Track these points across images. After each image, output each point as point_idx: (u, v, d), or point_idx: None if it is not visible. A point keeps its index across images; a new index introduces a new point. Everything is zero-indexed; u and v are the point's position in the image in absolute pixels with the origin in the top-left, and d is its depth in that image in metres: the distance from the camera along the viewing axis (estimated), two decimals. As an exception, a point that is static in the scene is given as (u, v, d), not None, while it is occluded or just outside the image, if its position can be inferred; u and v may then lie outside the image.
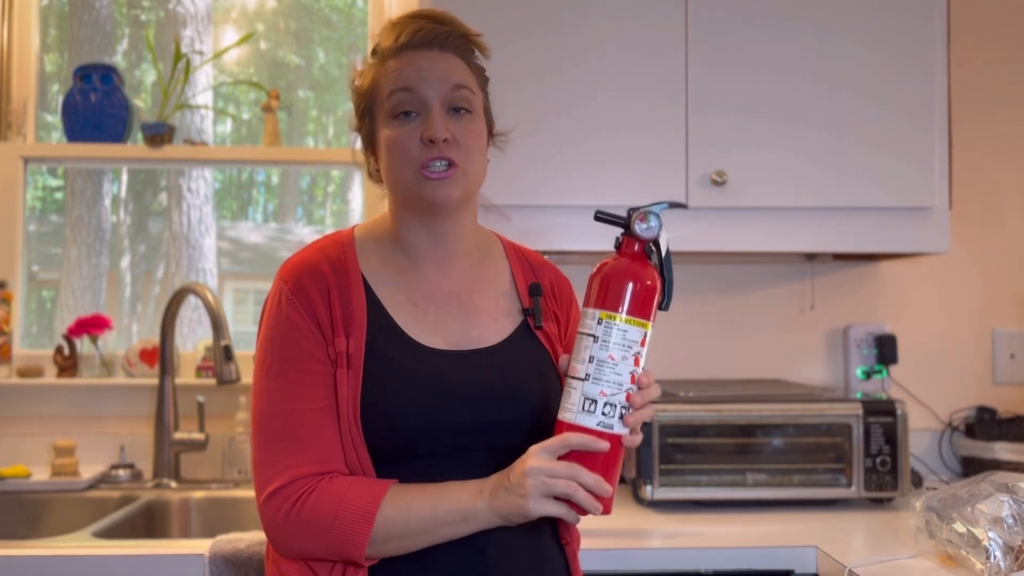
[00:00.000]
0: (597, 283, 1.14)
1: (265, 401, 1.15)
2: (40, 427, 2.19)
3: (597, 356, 1.11)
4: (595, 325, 1.12)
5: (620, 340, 1.11)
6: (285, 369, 1.15)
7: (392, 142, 1.19)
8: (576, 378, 1.11)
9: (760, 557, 1.51)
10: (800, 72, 1.88)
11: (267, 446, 1.14)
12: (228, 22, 2.53)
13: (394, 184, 1.21)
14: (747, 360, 2.24)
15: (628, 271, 1.14)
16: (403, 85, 1.19)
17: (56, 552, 1.47)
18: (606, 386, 1.10)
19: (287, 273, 1.20)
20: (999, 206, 2.29)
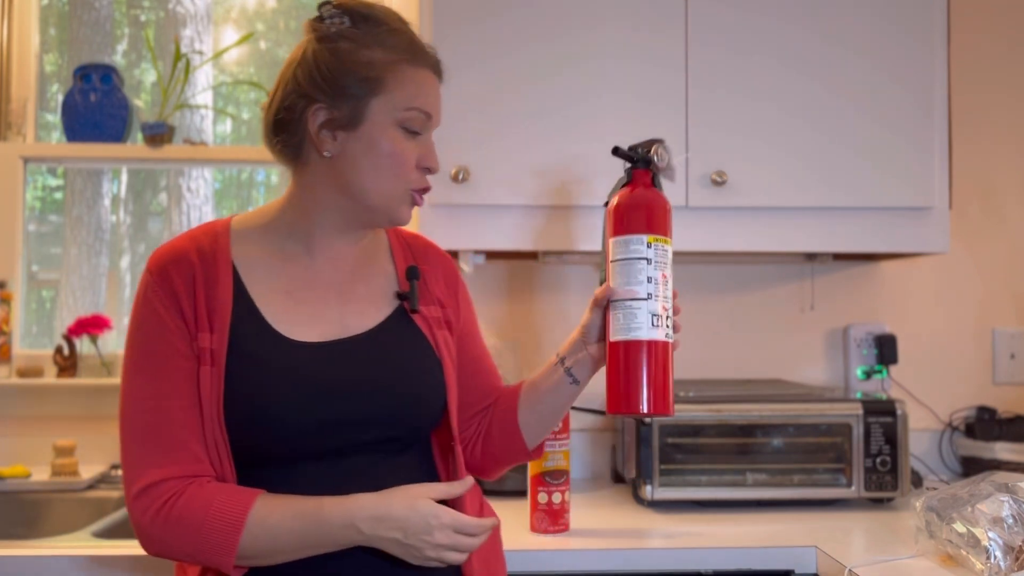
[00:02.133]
0: (639, 213, 1.24)
1: (131, 396, 1.13)
2: (40, 427, 2.19)
3: (653, 276, 1.22)
4: (645, 249, 1.22)
5: (666, 259, 1.24)
6: (150, 364, 1.12)
7: (396, 153, 1.17)
8: (638, 299, 1.21)
9: (760, 557, 1.51)
10: (800, 72, 1.88)
11: (134, 443, 1.11)
12: (228, 22, 2.53)
13: (365, 187, 1.17)
14: (747, 360, 2.24)
15: (658, 199, 1.25)
16: (425, 108, 1.19)
17: (56, 552, 1.47)
18: (665, 301, 1.22)
19: (153, 263, 1.16)
20: (999, 206, 2.29)
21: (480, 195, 1.84)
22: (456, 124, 1.84)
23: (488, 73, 1.86)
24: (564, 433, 1.64)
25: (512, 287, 2.23)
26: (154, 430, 1.11)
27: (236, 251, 1.19)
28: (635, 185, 1.27)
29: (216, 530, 1.07)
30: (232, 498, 1.09)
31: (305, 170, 1.21)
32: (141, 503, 1.09)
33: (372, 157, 1.16)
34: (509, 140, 1.84)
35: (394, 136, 1.17)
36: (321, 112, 1.16)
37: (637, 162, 1.28)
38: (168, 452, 1.10)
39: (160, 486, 1.09)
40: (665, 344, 1.21)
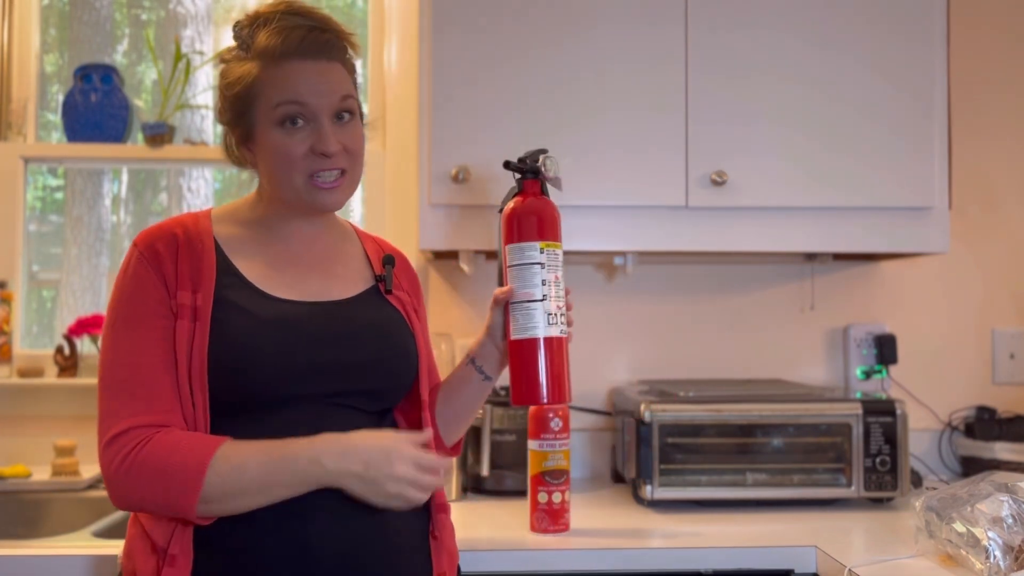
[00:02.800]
0: (531, 220, 1.35)
1: (110, 353, 1.17)
2: (40, 427, 2.19)
3: (547, 278, 1.34)
4: (538, 255, 1.34)
5: (557, 262, 1.35)
6: (130, 323, 1.17)
7: (280, 151, 1.21)
8: (534, 300, 1.33)
9: (760, 557, 1.51)
10: (800, 72, 1.88)
11: (109, 396, 1.15)
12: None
13: (279, 186, 1.24)
14: (747, 360, 2.24)
15: (547, 207, 1.37)
16: (292, 98, 1.20)
17: (56, 552, 1.47)
18: (558, 300, 1.34)
19: (140, 238, 1.22)
20: (999, 206, 2.29)
21: (480, 195, 1.84)
22: (456, 124, 1.84)
23: (488, 73, 1.86)
24: (564, 433, 1.64)
25: (512, 287, 2.22)
26: (127, 382, 1.15)
27: (218, 230, 1.26)
28: (526, 195, 1.38)
29: (181, 470, 1.09)
30: (199, 441, 1.13)
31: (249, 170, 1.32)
32: (110, 451, 1.12)
33: (267, 161, 1.24)
34: (509, 140, 1.84)
35: (276, 137, 1.22)
36: (232, 133, 1.28)
37: (526, 173, 1.38)
38: (139, 402, 1.14)
39: (128, 433, 1.12)
40: (560, 339, 1.34)
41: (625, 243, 1.89)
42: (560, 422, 1.63)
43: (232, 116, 1.26)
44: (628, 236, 1.88)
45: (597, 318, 2.23)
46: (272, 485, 1.11)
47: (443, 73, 1.85)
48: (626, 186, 1.86)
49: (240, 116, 1.24)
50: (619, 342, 2.23)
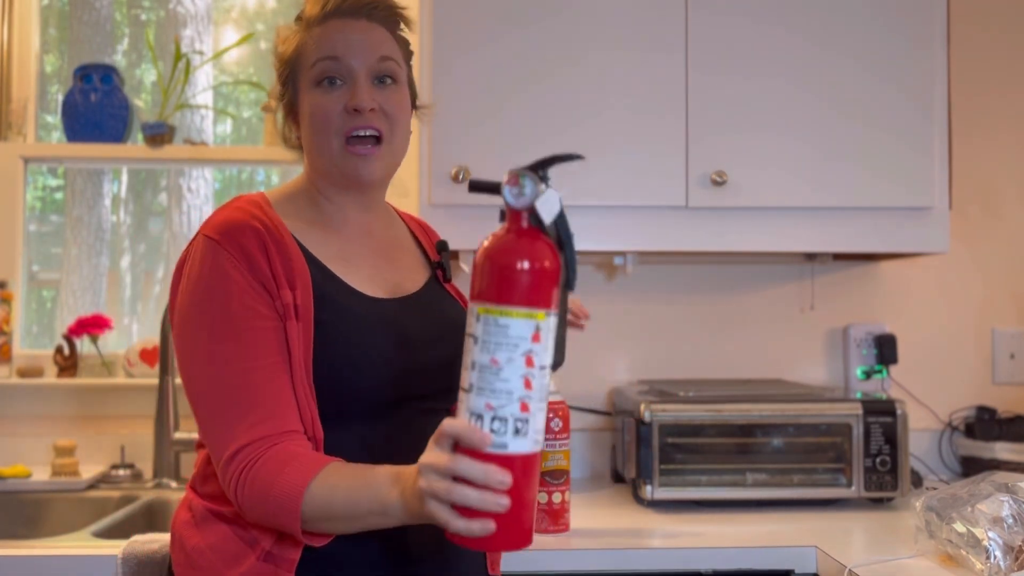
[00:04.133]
0: (475, 268, 0.93)
1: (213, 365, 1.09)
2: (40, 427, 2.19)
3: (479, 361, 0.90)
4: (474, 323, 0.91)
5: (502, 339, 0.90)
6: (231, 329, 1.09)
7: (316, 109, 1.18)
8: (462, 388, 0.92)
9: (760, 557, 1.51)
10: (801, 73, 1.88)
11: (219, 411, 1.08)
12: (228, 22, 2.53)
13: (317, 155, 1.20)
14: (747, 360, 2.24)
15: (504, 251, 0.91)
16: (329, 54, 1.18)
17: (56, 552, 1.47)
18: (491, 396, 0.90)
19: (217, 231, 1.13)
20: (999, 206, 2.29)
21: (480, 195, 1.83)
22: (456, 124, 1.84)
23: (488, 73, 1.86)
24: (564, 433, 1.64)
25: (512, 287, 2.22)
26: (240, 394, 1.08)
27: (286, 221, 1.19)
28: (506, 228, 0.94)
29: (282, 493, 1.03)
30: (305, 461, 1.05)
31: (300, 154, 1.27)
32: (229, 471, 1.06)
33: (306, 128, 1.21)
34: (509, 140, 1.84)
35: (312, 96, 1.19)
36: (281, 107, 1.25)
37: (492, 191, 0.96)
38: (257, 411, 1.07)
39: (244, 451, 1.06)
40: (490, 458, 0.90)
41: (625, 243, 1.89)
42: (560, 422, 1.63)
43: (282, 88, 1.24)
44: (628, 236, 1.88)
45: (597, 318, 2.22)
46: (357, 512, 1.02)
47: (443, 73, 1.85)
48: (626, 186, 1.86)
49: (286, 87, 1.23)
50: (619, 342, 2.23)
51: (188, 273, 1.14)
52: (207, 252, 1.12)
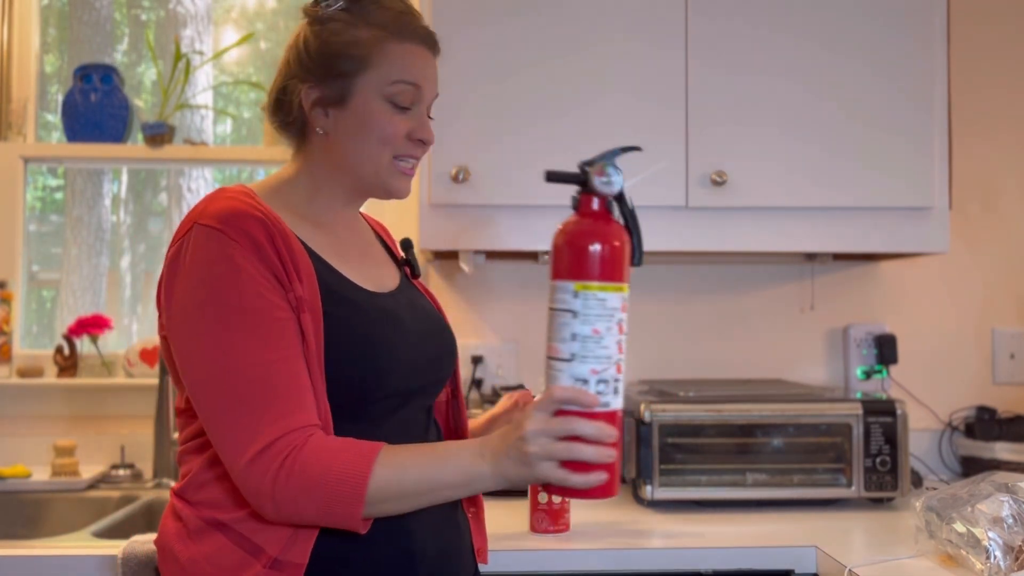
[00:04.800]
0: (565, 251, 1.04)
1: (229, 358, 1.06)
2: (40, 427, 2.19)
3: (580, 332, 1.03)
4: (571, 299, 1.03)
5: (601, 310, 1.03)
6: (246, 321, 1.06)
7: (383, 125, 1.19)
8: (560, 359, 1.03)
9: (760, 557, 1.51)
10: (800, 72, 1.88)
11: (240, 407, 1.05)
12: (228, 22, 2.53)
13: (360, 161, 1.20)
14: (747, 360, 2.24)
15: (595, 233, 1.04)
16: (413, 80, 1.21)
17: (56, 552, 1.47)
18: (595, 363, 1.03)
19: (219, 221, 1.09)
20: (999, 206, 2.29)
21: (480, 195, 1.84)
22: (456, 124, 1.84)
23: (487, 72, 1.86)
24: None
25: (512, 287, 2.23)
26: (263, 389, 1.05)
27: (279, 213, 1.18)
28: (581, 214, 1.08)
29: (343, 478, 1.03)
30: (355, 446, 1.06)
31: (308, 147, 1.24)
32: (259, 467, 1.03)
33: (362, 132, 1.19)
34: (509, 140, 1.84)
35: (380, 109, 1.19)
36: (312, 91, 1.20)
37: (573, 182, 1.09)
38: (282, 404, 1.05)
39: (276, 444, 1.04)
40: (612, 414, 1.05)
41: (625, 243, 1.89)
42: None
43: (324, 74, 1.19)
44: (628, 236, 1.88)
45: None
46: (433, 483, 1.06)
47: (442, 72, 1.85)
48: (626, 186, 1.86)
49: (336, 77, 1.18)
50: (619, 342, 2.22)
51: (188, 265, 1.09)
52: (210, 242, 1.08)
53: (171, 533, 1.16)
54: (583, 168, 1.08)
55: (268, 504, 1.05)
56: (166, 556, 1.16)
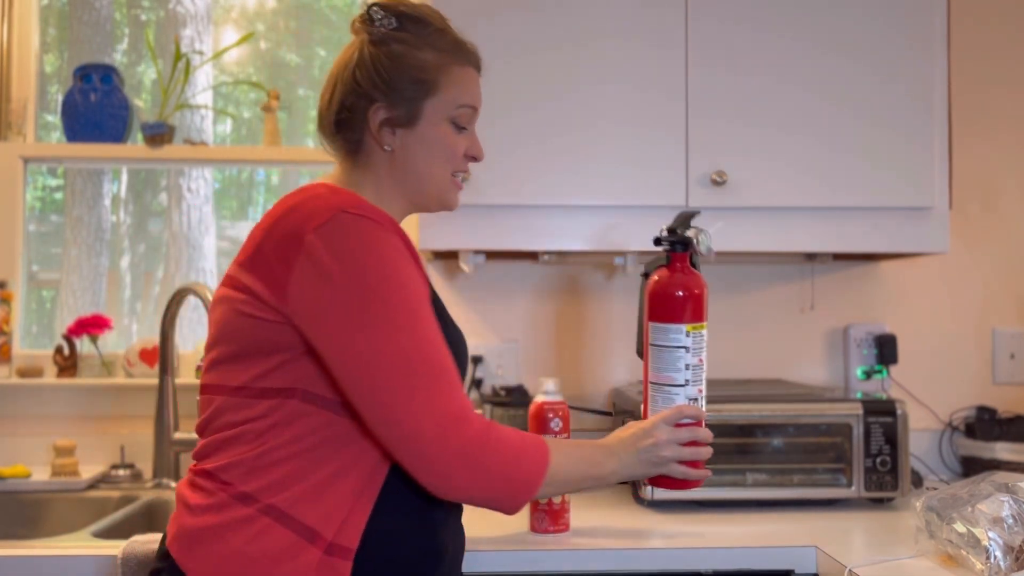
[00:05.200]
0: (677, 300, 1.30)
1: (416, 336, 1.12)
2: (40, 427, 2.19)
3: (691, 363, 1.31)
4: (683, 338, 1.30)
5: (702, 343, 1.32)
6: (424, 309, 1.15)
7: (447, 145, 1.29)
8: (675, 385, 1.31)
9: (760, 557, 1.51)
10: (800, 72, 1.88)
11: (433, 376, 1.11)
12: (228, 22, 2.53)
13: (425, 179, 1.29)
14: (747, 360, 2.24)
15: (696, 286, 1.31)
16: (473, 104, 1.32)
17: (56, 552, 1.47)
18: (701, 384, 1.33)
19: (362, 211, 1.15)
20: (999, 206, 2.29)
21: (480, 195, 1.84)
22: (456, 124, 1.84)
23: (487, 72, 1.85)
24: (564, 433, 1.64)
25: (512, 287, 2.23)
26: (448, 369, 1.14)
27: None
28: (674, 269, 1.32)
29: (531, 456, 1.16)
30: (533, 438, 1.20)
31: (367, 162, 1.29)
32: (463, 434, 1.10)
33: (428, 152, 1.28)
34: (508, 139, 1.84)
35: (446, 131, 1.29)
36: (381, 111, 1.25)
37: (676, 245, 1.31)
38: (460, 388, 1.15)
39: (473, 417, 1.13)
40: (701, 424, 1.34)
41: (625, 243, 1.89)
42: (560, 422, 1.62)
43: (395, 96, 1.24)
44: (628, 236, 1.88)
45: (597, 318, 2.23)
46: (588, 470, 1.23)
47: (443, 73, 1.85)
48: (626, 186, 1.86)
49: (406, 100, 1.25)
50: (619, 342, 2.23)
51: (350, 249, 1.12)
52: (369, 228, 1.14)
53: (206, 525, 1.14)
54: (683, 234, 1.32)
55: (462, 470, 1.10)
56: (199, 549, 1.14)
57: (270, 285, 1.14)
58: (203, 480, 1.18)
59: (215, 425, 1.19)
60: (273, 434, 1.14)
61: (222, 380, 1.19)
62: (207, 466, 1.18)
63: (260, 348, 1.15)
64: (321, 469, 1.13)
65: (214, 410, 1.20)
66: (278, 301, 1.13)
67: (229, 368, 1.18)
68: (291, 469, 1.13)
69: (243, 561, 1.10)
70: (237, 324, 1.17)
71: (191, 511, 1.16)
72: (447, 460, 1.09)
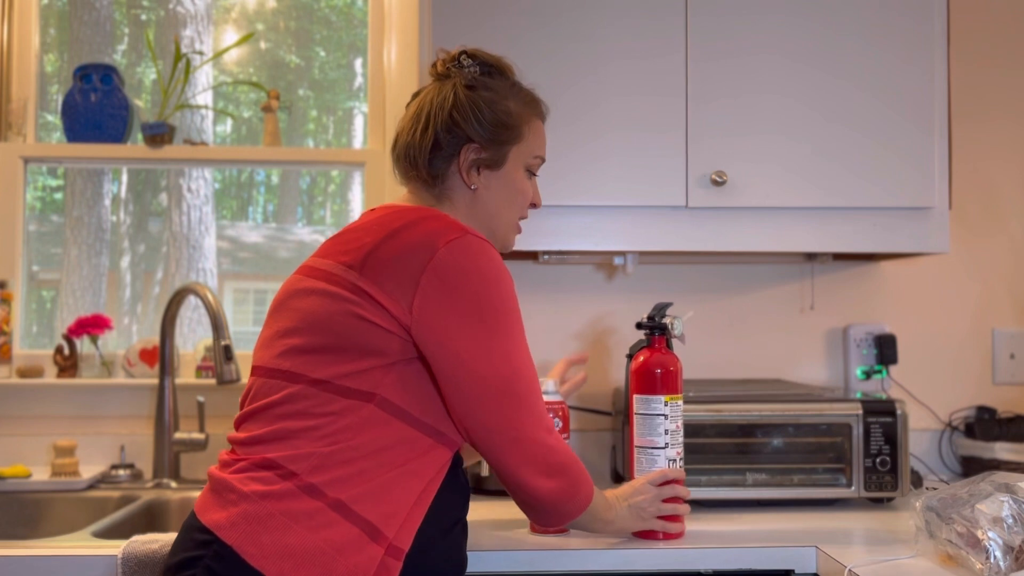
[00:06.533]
0: (657, 376, 1.53)
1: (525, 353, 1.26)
2: (40, 427, 2.19)
3: (669, 428, 1.52)
4: (663, 407, 1.52)
5: (678, 412, 1.54)
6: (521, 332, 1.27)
7: (522, 192, 1.42)
8: (656, 447, 1.53)
9: (760, 557, 1.51)
10: (800, 72, 1.88)
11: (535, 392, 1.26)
12: (228, 22, 2.53)
13: (497, 219, 1.40)
14: (747, 360, 2.24)
15: (672, 363, 1.54)
16: (543, 156, 1.45)
17: (56, 552, 1.47)
18: (678, 446, 1.54)
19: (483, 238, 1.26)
20: (999, 206, 2.29)
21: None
22: (456, 124, 1.84)
23: (488, 73, 1.85)
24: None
25: (512, 287, 2.22)
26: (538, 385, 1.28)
27: None
28: (654, 350, 1.55)
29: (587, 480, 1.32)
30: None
31: (446, 195, 1.39)
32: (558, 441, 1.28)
33: (507, 194, 1.40)
34: (509, 140, 1.83)
35: (522, 178, 1.42)
36: (473, 151, 1.37)
37: (655, 330, 1.56)
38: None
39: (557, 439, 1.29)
40: (679, 482, 1.53)
41: (625, 243, 1.89)
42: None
43: (489, 139, 1.36)
44: (628, 236, 1.88)
45: (597, 318, 2.23)
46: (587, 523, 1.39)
47: (443, 73, 1.85)
48: (626, 186, 1.86)
49: (494, 143, 1.37)
50: (619, 342, 2.23)
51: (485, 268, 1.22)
52: (489, 250, 1.25)
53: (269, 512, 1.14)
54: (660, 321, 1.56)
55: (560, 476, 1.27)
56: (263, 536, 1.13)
57: (392, 293, 1.19)
58: (261, 468, 1.18)
59: (280, 411, 1.20)
60: (349, 433, 1.17)
61: (302, 369, 1.21)
62: (270, 454, 1.18)
63: (360, 349, 1.19)
64: (388, 472, 1.18)
65: (286, 396, 1.20)
66: (399, 311, 1.19)
67: (315, 359, 1.20)
68: (361, 468, 1.17)
69: (309, 550, 1.12)
70: (342, 322, 1.20)
71: (246, 498, 1.15)
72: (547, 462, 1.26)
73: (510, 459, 1.24)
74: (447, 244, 1.21)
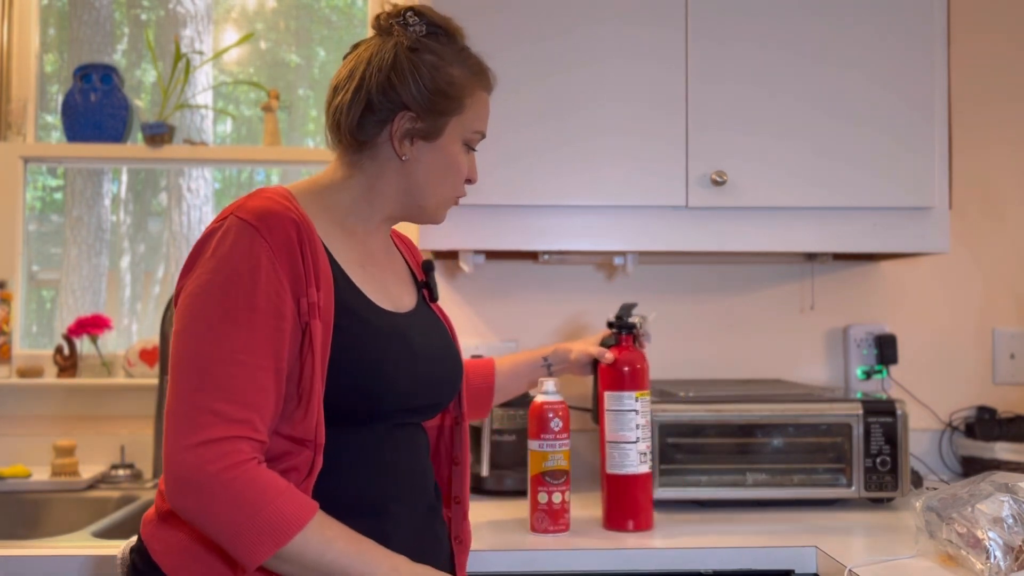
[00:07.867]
0: (628, 373, 1.59)
1: (211, 344, 1.05)
2: (40, 427, 2.19)
3: (639, 423, 1.58)
4: (633, 403, 1.58)
5: (647, 407, 1.60)
6: (248, 318, 1.06)
7: (456, 167, 1.29)
8: (628, 441, 1.58)
9: (760, 557, 1.51)
10: (801, 72, 1.88)
11: (206, 390, 1.04)
12: (228, 22, 2.53)
13: (426, 192, 1.28)
14: (747, 360, 2.24)
15: (641, 360, 1.61)
16: (484, 130, 1.32)
17: (56, 552, 1.47)
18: (647, 440, 1.59)
19: (256, 218, 1.10)
20: (999, 206, 2.29)
21: (480, 195, 1.84)
22: (456, 124, 1.84)
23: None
24: (564, 433, 1.64)
25: (512, 287, 2.23)
26: (236, 384, 1.05)
27: (311, 218, 1.19)
28: (622, 348, 1.62)
29: (275, 516, 1.02)
30: (298, 496, 1.05)
31: (371, 162, 1.25)
32: (205, 453, 1.01)
33: (440, 169, 1.27)
34: (508, 140, 1.84)
35: (459, 152, 1.28)
36: (408, 119, 1.23)
37: (623, 329, 1.62)
38: (246, 411, 1.05)
39: (230, 443, 1.02)
40: (648, 475, 1.60)
41: (625, 243, 1.89)
42: (560, 422, 1.62)
43: (427, 108, 1.22)
44: (628, 236, 1.88)
45: (597, 318, 2.22)
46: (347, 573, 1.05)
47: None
48: (626, 186, 1.86)
49: (432, 113, 1.23)
50: (619, 342, 2.23)
51: (215, 250, 1.09)
52: (242, 235, 1.09)
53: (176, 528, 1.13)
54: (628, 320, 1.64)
55: (191, 496, 1.02)
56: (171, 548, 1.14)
57: None
58: None
59: None
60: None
61: None
62: None
63: None
64: None
65: None
66: None
67: None
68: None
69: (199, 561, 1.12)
70: None
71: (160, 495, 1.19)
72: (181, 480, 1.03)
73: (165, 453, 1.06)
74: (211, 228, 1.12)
